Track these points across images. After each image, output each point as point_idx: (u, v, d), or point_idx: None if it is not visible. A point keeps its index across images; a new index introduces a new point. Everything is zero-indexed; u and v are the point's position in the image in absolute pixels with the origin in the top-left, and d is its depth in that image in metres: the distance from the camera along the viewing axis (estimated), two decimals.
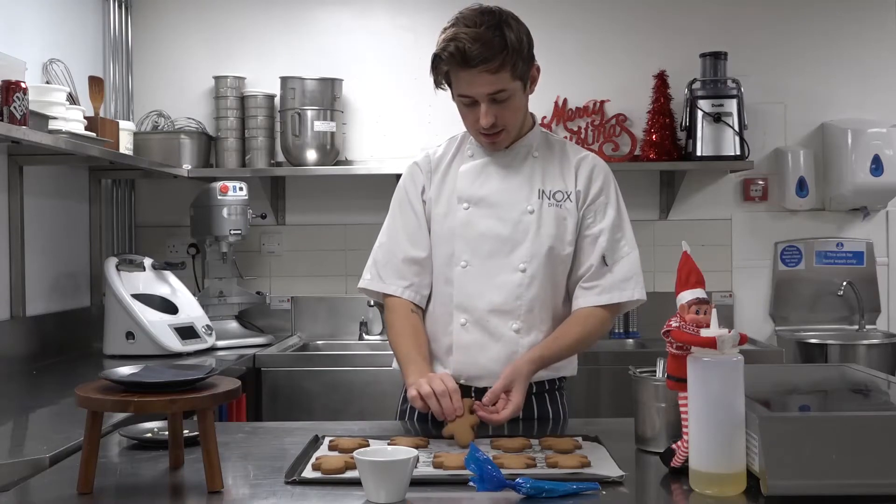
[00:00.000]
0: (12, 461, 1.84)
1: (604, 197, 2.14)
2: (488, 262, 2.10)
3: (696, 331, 1.56)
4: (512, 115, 2.08)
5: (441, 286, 2.15)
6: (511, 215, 2.11)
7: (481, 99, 2.03)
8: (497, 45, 1.98)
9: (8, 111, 2.65)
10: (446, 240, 2.14)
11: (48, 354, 3.37)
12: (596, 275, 2.10)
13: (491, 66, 1.98)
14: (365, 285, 2.22)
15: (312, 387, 3.56)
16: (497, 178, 2.14)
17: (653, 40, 4.17)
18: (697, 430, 1.54)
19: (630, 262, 2.12)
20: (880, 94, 4.16)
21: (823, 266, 4.17)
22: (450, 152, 2.22)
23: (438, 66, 2.05)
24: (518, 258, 2.09)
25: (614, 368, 3.51)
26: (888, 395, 1.87)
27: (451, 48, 1.99)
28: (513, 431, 2.04)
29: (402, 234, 2.18)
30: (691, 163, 3.99)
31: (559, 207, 2.11)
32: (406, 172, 2.24)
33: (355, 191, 4.21)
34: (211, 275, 3.94)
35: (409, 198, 2.20)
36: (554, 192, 2.12)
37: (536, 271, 2.09)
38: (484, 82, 2.00)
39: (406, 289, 2.16)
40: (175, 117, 4.18)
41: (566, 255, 2.12)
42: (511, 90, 2.03)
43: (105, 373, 1.66)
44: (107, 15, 4.04)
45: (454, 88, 2.08)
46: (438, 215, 2.16)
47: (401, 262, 2.17)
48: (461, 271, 2.11)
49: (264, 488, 1.61)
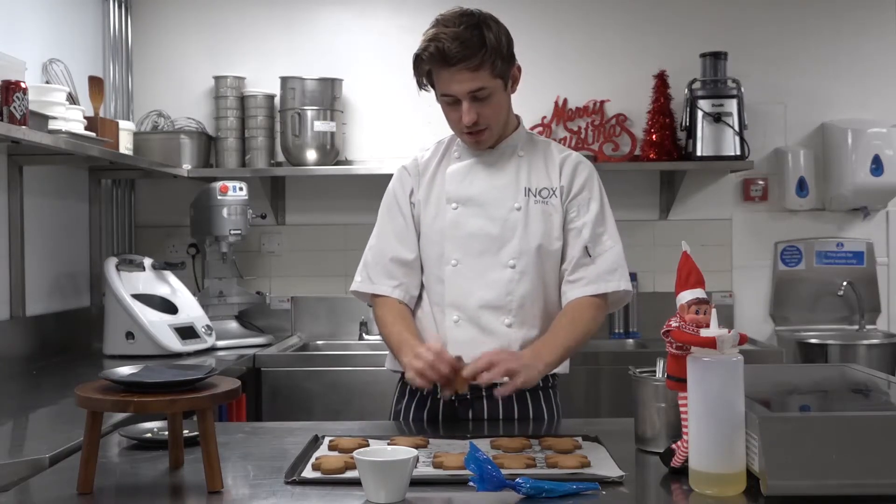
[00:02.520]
0: (12, 461, 1.83)
1: (587, 192, 2.20)
2: (478, 260, 2.15)
3: (696, 331, 1.56)
4: (493, 113, 2.13)
5: (433, 285, 2.20)
6: (499, 213, 2.16)
7: (462, 97, 2.08)
8: (476, 43, 2.04)
9: (8, 111, 2.65)
10: (436, 240, 2.19)
11: (48, 354, 3.37)
12: (579, 267, 2.15)
13: (470, 64, 2.04)
14: (356, 287, 2.28)
15: (312, 387, 3.56)
16: (484, 177, 2.20)
17: (653, 40, 4.17)
18: (697, 430, 1.54)
19: (614, 255, 2.17)
20: (880, 94, 4.16)
21: (823, 266, 4.17)
22: (437, 155, 2.28)
23: (420, 66, 2.12)
24: (507, 255, 2.14)
25: (614, 368, 3.51)
26: (888, 395, 1.87)
27: (431, 48, 2.06)
28: (508, 431, 2.04)
29: (391, 236, 2.24)
30: (691, 163, 3.99)
31: (545, 204, 2.17)
32: (395, 176, 2.30)
33: (355, 191, 4.21)
34: (211, 275, 3.94)
35: (397, 201, 2.26)
36: (539, 190, 2.18)
37: (526, 267, 2.14)
38: (464, 80, 2.06)
39: (395, 288, 2.21)
40: (175, 117, 4.18)
41: (555, 251, 2.17)
42: (491, 88, 2.09)
43: (105, 373, 1.66)
44: (107, 15, 4.05)
45: (437, 88, 2.14)
46: (428, 216, 2.21)
47: (390, 262, 2.22)
48: (452, 270, 2.16)
49: (264, 488, 1.61)
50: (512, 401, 2.16)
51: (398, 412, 2.27)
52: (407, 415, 2.24)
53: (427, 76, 2.13)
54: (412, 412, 2.22)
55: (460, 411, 2.18)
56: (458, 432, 2.02)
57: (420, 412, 2.22)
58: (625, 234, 2.26)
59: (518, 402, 2.18)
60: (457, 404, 2.17)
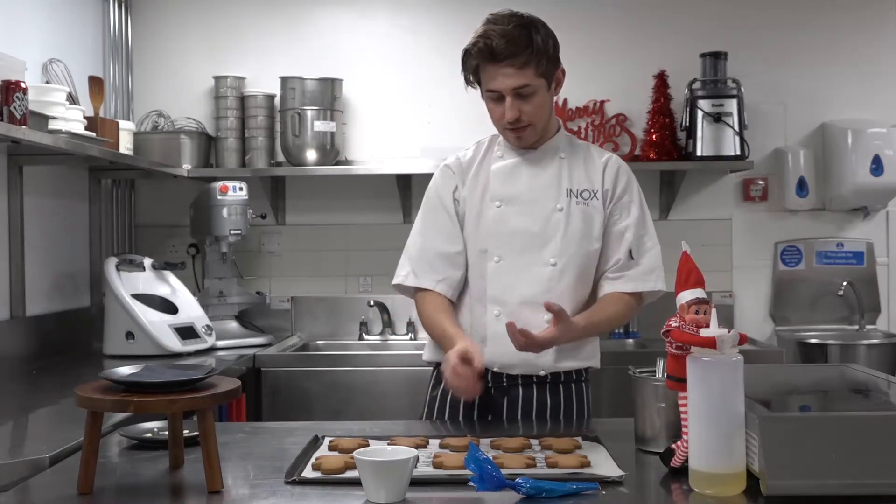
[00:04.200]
0: (12, 461, 1.83)
1: (628, 196, 2.27)
2: (520, 257, 2.20)
3: (696, 331, 1.56)
4: (536, 111, 2.18)
5: (476, 280, 2.24)
6: (541, 212, 2.22)
7: (507, 93, 2.14)
8: (523, 42, 2.11)
9: (8, 111, 2.65)
10: (480, 236, 2.23)
11: (48, 354, 3.37)
12: (623, 267, 2.24)
13: (516, 61, 2.11)
14: (400, 281, 2.31)
15: (312, 387, 3.56)
16: (527, 177, 2.25)
17: (653, 40, 4.17)
18: (697, 430, 1.54)
19: (654, 256, 2.26)
20: (880, 94, 4.16)
21: (823, 266, 4.17)
22: (479, 154, 2.32)
23: (468, 61, 2.19)
24: (549, 253, 2.20)
25: (614, 368, 3.48)
26: (888, 395, 1.87)
27: (480, 44, 2.13)
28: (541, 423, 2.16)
29: (434, 232, 2.28)
30: (691, 163, 3.99)
31: (586, 205, 2.23)
32: (437, 175, 2.34)
33: (355, 191, 4.21)
34: (211, 275, 3.94)
35: (440, 199, 2.30)
36: (581, 191, 2.24)
37: (566, 266, 2.20)
38: (509, 76, 2.12)
39: (439, 283, 2.25)
40: (175, 117, 4.18)
41: (594, 251, 2.24)
42: (535, 87, 2.15)
43: (105, 373, 1.66)
44: (107, 15, 4.05)
45: (483, 84, 2.19)
46: (472, 214, 2.26)
47: (434, 258, 2.26)
48: (494, 266, 2.21)
49: (264, 488, 1.61)
50: (545, 392, 2.23)
51: (433, 399, 2.31)
52: (444, 401, 2.27)
53: (474, 72, 2.19)
54: (450, 397, 2.25)
55: (497, 399, 2.22)
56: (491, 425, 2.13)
57: (457, 398, 2.22)
58: None
59: (551, 393, 2.23)
60: (493, 392, 2.21)
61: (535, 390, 2.23)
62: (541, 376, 2.22)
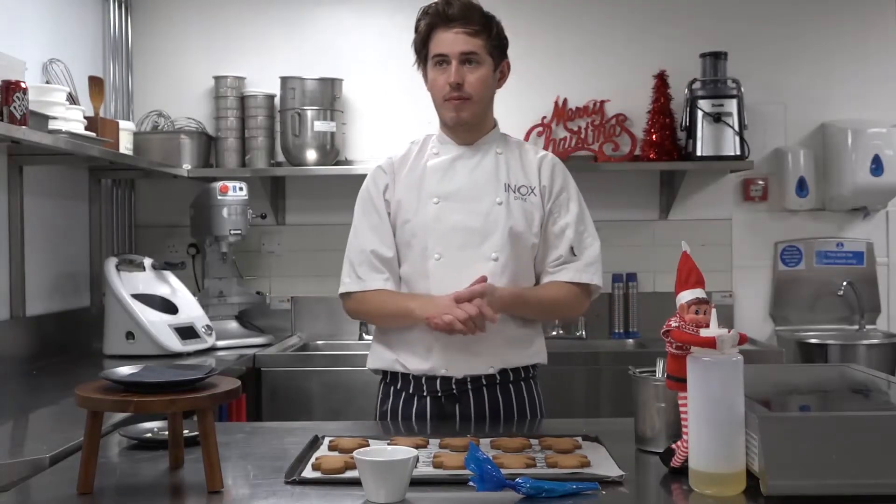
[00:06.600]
0: (12, 461, 1.83)
1: (566, 193, 2.29)
2: (461, 253, 2.20)
3: (696, 331, 1.56)
4: (478, 85, 2.21)
5: (418, 280, 2.23)
6: (481, 208, 2.22)
7: (454, 56, 2.18)
8: (477, 14, 2.20)
9: (8, 111, 2.65)
10: (419, 235, 2.22)
11: (48, 354, 3.37)
12: (565, 263, 2.24)
13: (468, 27, 2.18)
14: (346, 289, 2.29)
15: (312, 387, 3.56)
16: (465, 172, 2.26)
17: (653, 40, 4.17)
18: (697, 430, 1.54)
19: (594, 251, 2.28)
20: (880, 94, 4.15)
21: (823, 266, 4.17)
22: (413, 152, 2.34)
23: (420, 23, 2.25)
24: (490, 248, 2.19)
25: (614, 368, 3.51)
26: (888, 395, 1.87)
27: (435, 7, 2.21)
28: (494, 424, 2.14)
29: (369, 232, 2.28)
30: (691, 163, 3.99)
31: (524, 201, 2.25)
32: (369, 175, 2.36)
33: (355, 191, 4.16)
34: (211, 275, 3.94)
35: (372, 199, 2.31)
36: (518, 187, 2.26)
37: (508, 260, 2.20)
38: (459, 41, 2.18)
39: (386, 281, 2.24)
40: (175, 117, 4.18)
41: (532, 245, 2.25)
42: (482, 58, 2.20)
43: (105, 373, 1.66)
44: (107, 15, 4.04)
45: (431, 50, 2.23)
46: (409, 212, 2.24)
47: (373, 257, 2.25)
48: (435, 263, 2.20)
49: (264, 488, 1.61)
50: (496, 392, 2.22)
51: (384, 413, 2.29)
52: (395, 415, 2.26)
53: (423, 42, 2.23)
54: (400, 411, 2.25)
55: (447, 407, 2.21)
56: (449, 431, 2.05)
57: (408, 410, 2.23)
58: (625, 234, 2.28)
59: (502, 393, 2.23)
60: (443, 400, 2.21)
61: (485, 393, 2.21)
62: (489, 376, 2.20)
